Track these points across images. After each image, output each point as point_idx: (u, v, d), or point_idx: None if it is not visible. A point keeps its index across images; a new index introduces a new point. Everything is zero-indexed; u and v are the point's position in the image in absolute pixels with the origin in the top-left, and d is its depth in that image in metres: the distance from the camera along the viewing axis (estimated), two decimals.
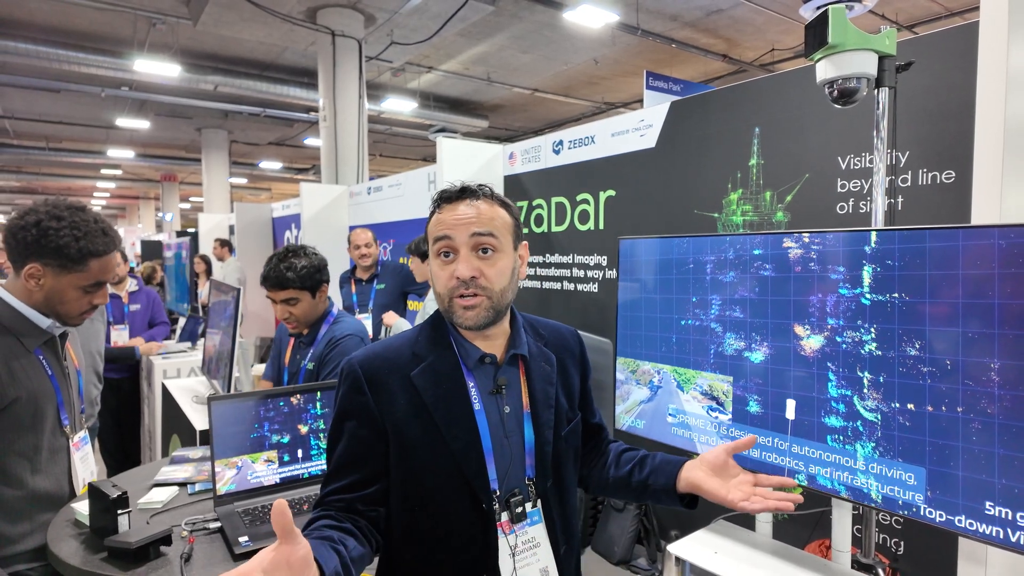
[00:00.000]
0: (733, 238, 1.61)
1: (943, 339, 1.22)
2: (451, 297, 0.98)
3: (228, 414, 1.38)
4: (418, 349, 1.03)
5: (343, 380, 1.01)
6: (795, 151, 2.21)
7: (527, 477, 1.04)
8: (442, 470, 0.97)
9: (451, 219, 0.98)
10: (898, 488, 1.29)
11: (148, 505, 1.44)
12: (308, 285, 1.84)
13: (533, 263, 3.51)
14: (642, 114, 2.81)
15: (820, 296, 1.42)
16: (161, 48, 8.20)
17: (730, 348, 1.60)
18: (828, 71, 1.55)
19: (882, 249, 1.32)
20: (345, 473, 0.98)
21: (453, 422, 0.98)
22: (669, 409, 1.75)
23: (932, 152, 1.85)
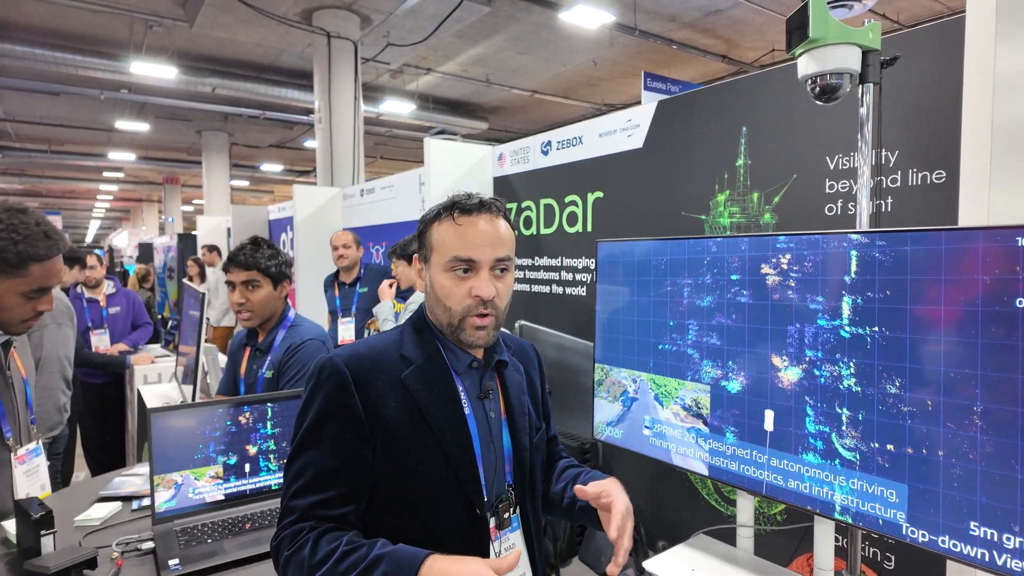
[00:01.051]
0: (710, 241, 1.55)
1: (927, 349, 1.16)
2: (466, 315, 0.97)
3: (171, 426, 1.32)
4: (405, 352, 1.00)
5: (323, 380, 0.94)
6: (783, 151, 2.14)
7: (507, 483, 1.04)
8: (435, 474, 0.94)
9: (475, 238, 0.96)
10: (879, 505, 1.23)
11: (85, 522, 1.38)
12: (273, 274, 1.79)
13: (522, 266, 3.44)
14: (629, 113, 2.74)
15: (802, 307, 1.36)
16: (158, 50, 8.18)
17: (708, 356, 1.54)
18: (809, 66, 1.49)
19: (865, 255, 1.26)
20: (331, 483, 0.90)
21: (447, 425, 0.96)
22: (645, 420, 1.69)
23: (922, 151, 1.78)
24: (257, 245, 1.84)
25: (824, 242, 1.32)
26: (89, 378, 3.40)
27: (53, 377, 2.12)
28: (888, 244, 1.22)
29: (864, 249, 1.25)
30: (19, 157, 14.71)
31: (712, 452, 1.52)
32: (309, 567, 0.83)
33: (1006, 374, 1.05)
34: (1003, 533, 1.06)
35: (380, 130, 12.50)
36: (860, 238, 1.26)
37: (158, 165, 16.15)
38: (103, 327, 3.53)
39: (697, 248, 1.58)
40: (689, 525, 2.45)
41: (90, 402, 3.44)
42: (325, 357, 0.97)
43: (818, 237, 1.33)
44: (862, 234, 1.26)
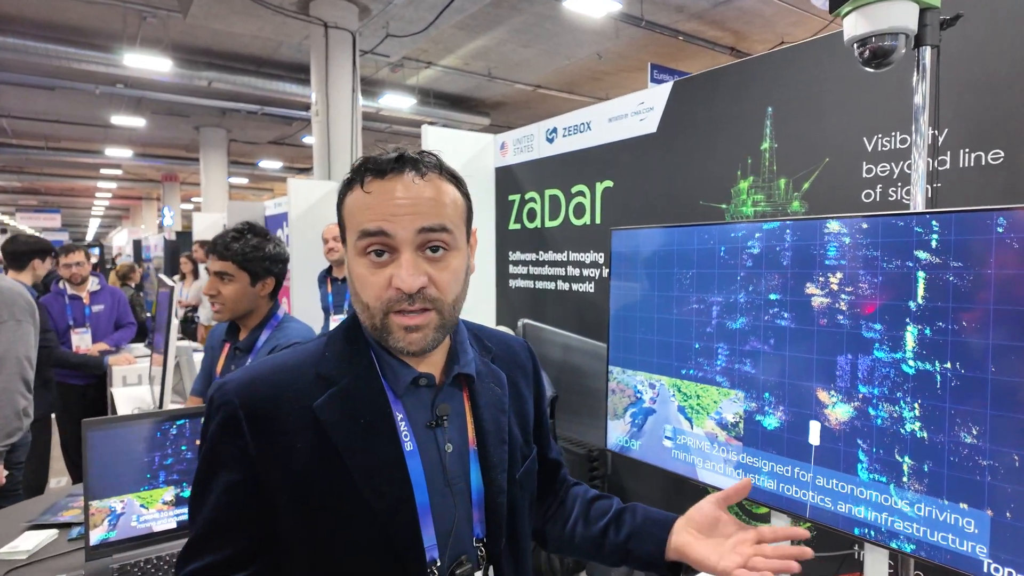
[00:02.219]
0: (741, 226, 1.36)
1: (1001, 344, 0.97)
2: (386, 312, 0.71)
3: (110, 443, 1.13)
4: (325, 369, 0.74)
5: (211, 415, 0.73)
6: (813, 132, 1.95)
7: (475, 538, 0.77)
8: (361, 538, 0.70)
9: (388, 205, 0.70)
10: (953, 536, 1.03)
11: (10, 555, 1.19)
12: (249, 267, 1.58)
13: (525, 261, 3.26)
14: (642, 96, 2.55)
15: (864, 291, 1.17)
16: (153, 43, 8.00)
17: (739, 357, 1.35)
18: (858, 26, 1.29)
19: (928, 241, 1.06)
20: (216, 544, 0.71)
21: (375, 471, 0.71)
22: (666, 431, 1.50)
23: (976, 128, 1.58)
24: (240, 233, 1.63)
25: (886, 225, 1.13)
26: (69, 379, 3.23)
27: (11, 379, 1.93)
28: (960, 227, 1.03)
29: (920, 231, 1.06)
30: (16, 154, 14.55)
31: (745, 469, 1.33)
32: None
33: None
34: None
35: (380, 126, 12.31)
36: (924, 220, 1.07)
37: (156, 162, 15.98)
38: (85, 325, 3.35)
39: (728, 234, 1.39)
40: None
41: (70, 404, 3.26)
42: (217, 383, 0.74)
43: (877, 220, 1.15)
44: (925, 215, 1.07)
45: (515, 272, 3.34)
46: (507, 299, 3.41)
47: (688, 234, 1.48)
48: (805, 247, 1.24)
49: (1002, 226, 0.96)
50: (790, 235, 1.27)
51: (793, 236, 1.26)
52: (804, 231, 1.25)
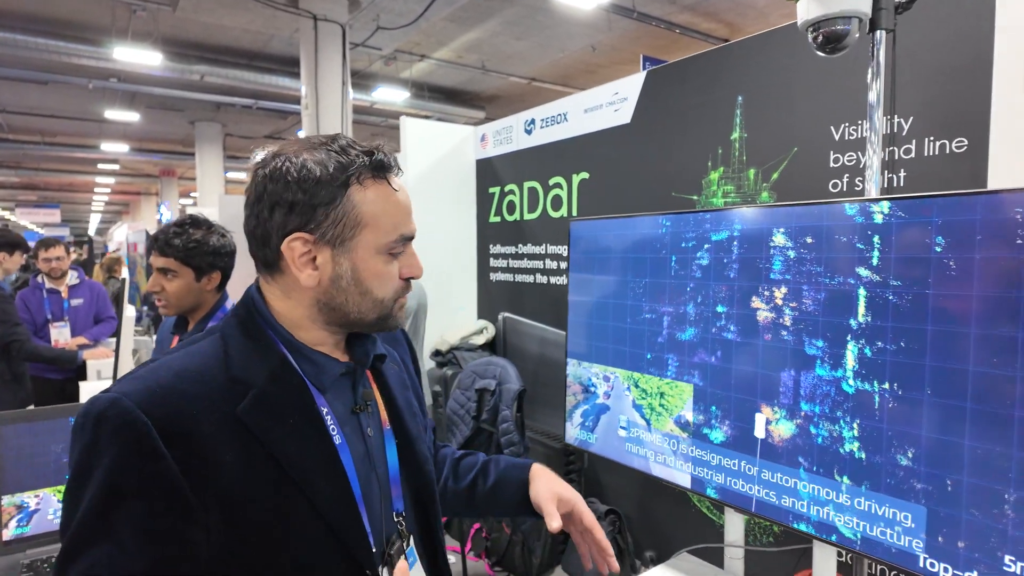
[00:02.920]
0: (691, 216, 1.34)
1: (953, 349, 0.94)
2: (396, 302, 0.75)
3: (23, 437, 1.11)
4: (236, 371, 0.68)
5: (106, 439, 0.60)
6: (782, 121, 1.92)
7: (396, 512, 0.78)
8: (306, 540, 0.67)
9: (407, 205, 0.75)
10: (890, 530, 1.01)
11: None
12: (193, 263, 1.54)
13: (505, 255, 3.23)
14: (616, 86, 2.52)
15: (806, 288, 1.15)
16: (143, 36, 7.96)
17: (690, 351, 1.33)
18: (811, 10, 1.27)
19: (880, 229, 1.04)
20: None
21: (314, 470, 0.68)
22: (620, 422, 1.47)
23: (940, 116, 1.55)
24: (182, 227, 1.58)
25: (829, 214, 1.11)
26: (45, 373, 3.21)
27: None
28: (907, 214, 1.00)
29: (874, 219, 1.04)
30: (13, 149, 14.52)
31: (694, 462, 1.31)
32: None
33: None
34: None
35: (374, 120, 12.26)
36: (873, 208, 1.04)
37: (153, 157, 15.95)
38: (64, 319, 3.33)
39: (680, 224, 1.36)
40: (679, 535, 2.24)
41: (47, 399, 3.24)
42: (103, 399, 0.62)
43: (821, 208, 1.12)
44: (872, 201, 1.04)
45: (495, 265, 3.31)
46: (488, 292, 3.39)
47: (642, 224, 1.45)
48: (752, 259, 1.21)
49: (941, 246, 0.94)
50: (737, 247, 1.24)
51: (740, 248, 1.24)
52: (751, 244, 1.23)
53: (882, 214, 1.02)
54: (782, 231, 1.16)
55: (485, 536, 2.85)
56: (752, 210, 1.24)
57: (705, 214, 1.31)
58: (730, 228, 1.25)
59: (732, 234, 1.25)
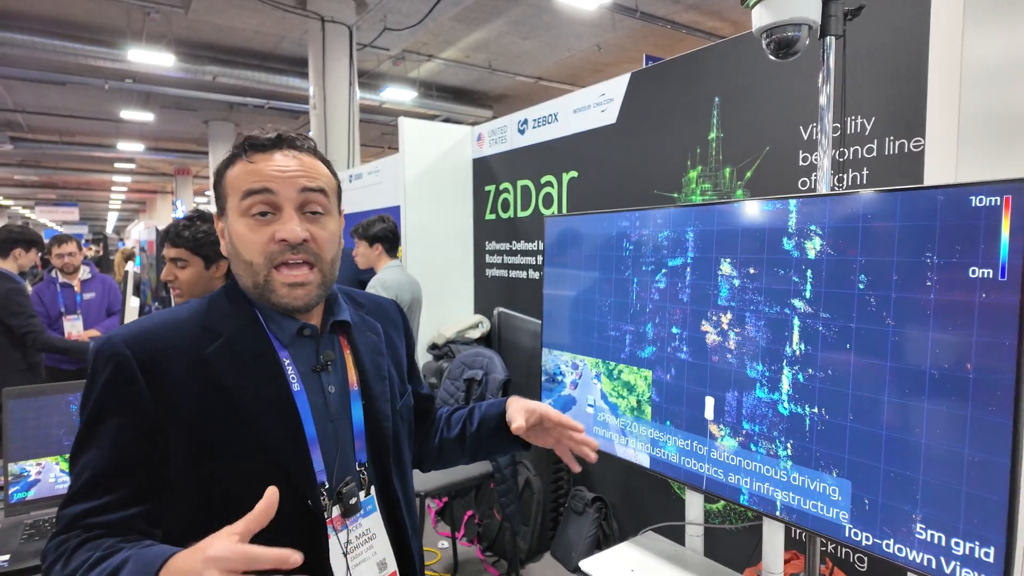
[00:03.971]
0: (644, 213, 1.42)
1: (872, 340, 1.02)
2: (270, 267, 0.80)
3: (29, 410, 1.22)
4: (212, 323, 0.82)
5: (99, 368, 0.77)
6: (756, 122, 1.99)
7: (358, 463, 0.88)
8: (255, 468, 0.78)
9: (270, 169, 0.81)
10: (822, 504, 1.09)
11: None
12: (202, 252, 1.68)
13: (500, 251, 3.32)
14: (603, 87, 2.60)
15: (752, 281, 1.23)
16: (157, 38, 8.14)
17: (648, 338, 1.41)
18: (763, 17, 1.35)
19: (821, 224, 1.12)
20: (110, 487, 0.75)
21: (266, 409, 0.80)
22: (587, 406, 1.56)
23: (898, 117, 1.62)
24: (191, 221, 1.73)
25: (772, 207, 1.19)
26: (60, 364, 3.35)
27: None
28: (836, 208, 1.08)
29: (816, 215, 1.12)
30: (32, 148, 14.84)
31: (653, 443, 1.39)
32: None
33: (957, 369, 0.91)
34: (952, 537, 0.92)
35: (383, 119, 12.39)
36: (814, 203, 1.12)
37: (168, 156, 16.22)
38: (76, 312, 3.47)
39: (638, 221, 1.44)
40: (659, 519, 2.32)
41: None
42: (102, 338, 0.79)
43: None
44: (806, 198, 1.12)
45: (491, 262, 3.40)
46: (484, 288, 3.48)
47: (604, 221, 1.53)
48: (701, 286, 1.29)
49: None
50: (690, 271, 1.32)
51: (692, 275, 1.32)
52: (701, 271, 1.31)
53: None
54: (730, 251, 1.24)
55: (477, 522, 2.95)
56: (696, 209, 1.32)
57: (657, 211, 1.39)
58: (682, 231, 1.34)
59: (685, 240, 1.33)
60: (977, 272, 0.88)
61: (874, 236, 1.01)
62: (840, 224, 1.06)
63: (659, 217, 1.40)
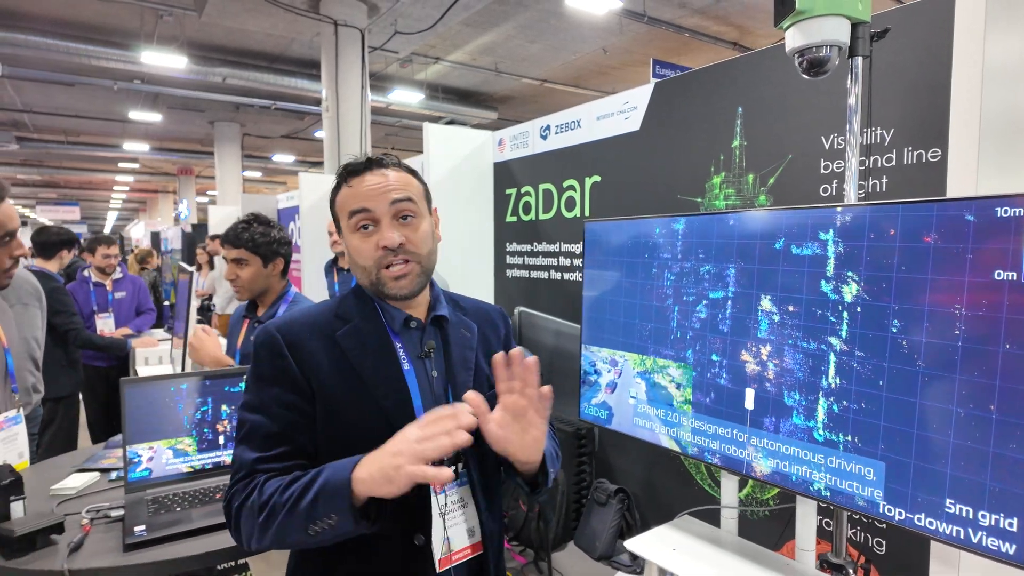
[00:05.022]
0: (692, 219, 1.53)
1: (911, 323, 1.13)
2: (379, 268, 0.97)
3: (143, 397, 1.34)
4: (342, 313, 1.01)
5: (259, 348, 0.97)
6: (778, 131, 2.10)
7: None
8: (372, 430, 0.93)
9: (365, 190, 0.98)
10: (858, 483, 1.21)
11: (60, 492, 1.40)
12: (260, 252, 1.82)
13: (521, 252, 3.43)
14: (627, 95, 2.71)
15: (787, 280, 1.34)
16: (169, 40, 8.24)
17: (690, 336, 1.52)
18: (797, 39, 1.45)
19: (850, 227, 1.23)
20: (275, 443, 0.93)
21: (382, 380, 0.97)
22: (629, 400, 1.67)
23: (916, 128, 1.73)
24: (248, 223, 1.87)
25: (807, 216, 1.30)
26: (93, 361, 3.45)
27: (20, 357, 2.13)
28: (874, 214, 1.19)
29: (847, 220, 1.23)
30: (37, 148, 14.92)
31: (694, 432, 1.51)
32: (259, 507, 0.86)
33: (987, 347, 1.02)
34: (979, 510, 1.03)
35: (390, 120, 12.50)
36: (844, 212, 1.23)
37: (172, 156, 16.30)
38: (108, 311, 3.58)
39: (687, 225, 1.56)
40: (682, 508, 2.43)
41: (94, 385, 3.49)
42: (261, 327, 0.99)
43: (805, 212, 1.31)
44: (845, 207, 1.24)
45: (512, 263, 3.51)
46: (504, 288, 3.59)
47: (648, 225, 1.64)
48: (748, 268, 1.40)
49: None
50: (736, 248, 1.43)
51: (736, 248, 1.43)
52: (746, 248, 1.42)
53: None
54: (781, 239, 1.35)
55: (504, 515, 3.06)
56: (752, 214, 1.43)
57: (712, 216, 1.51)
58: (728, 232, 1.45)
59: (729, 238, 1.44)
60: (1002, 275, 1.00)
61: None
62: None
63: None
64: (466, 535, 1.01)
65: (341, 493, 0.82)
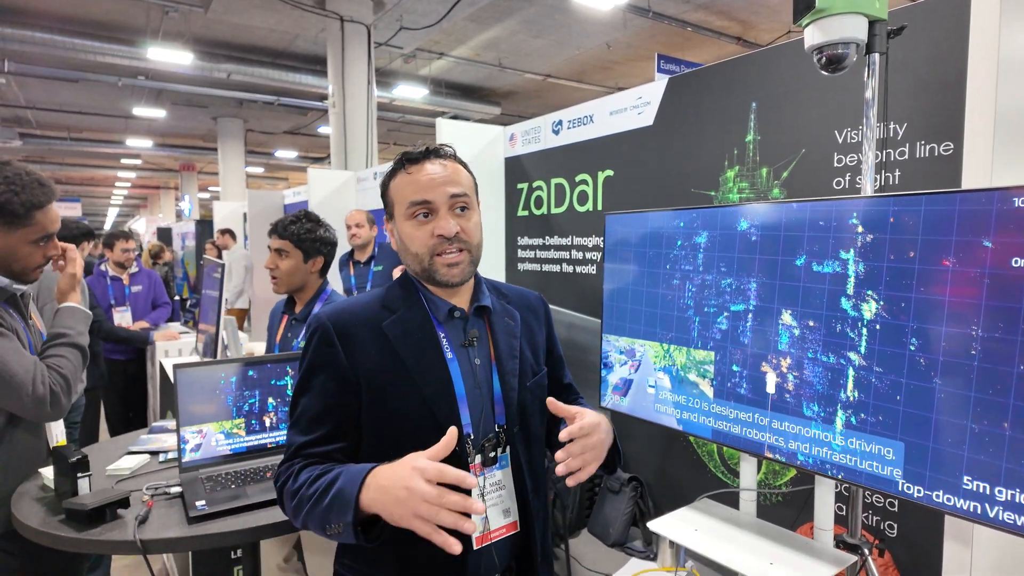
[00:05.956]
0: (713, 211, 1.58)
1: (930, 311, 1.18)
2: (432, 255, 1.01)
3: (194, 383, 1.39)
4: (388, 303, 1.05)
5: (312, 335, 1.02)
6: (792, 126, 2.15)
7: (498, 425, 1.07)
8: (415, 414, 0.99)
9: (426, 180, 1.02)
10: (876, 463, 1.26)
11: (116, 472, 1.46)
12: (303, 246, 1.87)
13: (533, 246, 3.48)
14: (640, 91, 2.76)
15: (806, 272, 1.39)
16: (174, 36, 8.27)
17: (712, 324, 1.57)
18: (815, 37, 1.50)
19: (872, 220, 1.28)
20: (317, 426, 0.99)
21: (425, 369, 1.00)
22: (648, 387, 1.73)
23: (929, 123, 1.78)
24: (298, 218, 1.93)
25: (830, 208, 1.35)
26: (112, 354, 3.51)
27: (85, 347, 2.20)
28: (895, 207, 1.24)
29: (868, 214, 1.28)
30: (40, 144, 14.95)
31: (716, 416, 1.56)
32: (291, 492, 0.95)
33: (1004, 336, 1.07)
34: (995, 486, 1.09)
35: (393, 116, 12.52)
36: (866, 204, 1.28)
37: (175, 152, 16.33)
38: (125, 304, 3.63)
39: (707, 217, 1.60)
40: (695, 495, 2.49)
41: (113, 377, 3.55)
42: (314, 315, 1.04)
43: (827, 204, 1.36)
44: (867, 199, 1.28)
45: (523, 256, 3.56)
46: (516, 282, 3.64)
47: (672, 217, 1.69)
48: (772, 259, 1.45)
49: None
50: (756, 237, 1.48)
51: (757, 238, 1.48)
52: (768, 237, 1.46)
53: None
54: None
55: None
56: (767, 206, 1.48)
57: (728, 208, 1.56)
58: (743, 222, 1.50)
59: (749, 226, 1.49)
60: (1019, 263, 1.05)
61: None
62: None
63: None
64: (502, 515, 1.06)
65: (348, 507, 0.86)
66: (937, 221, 1.17)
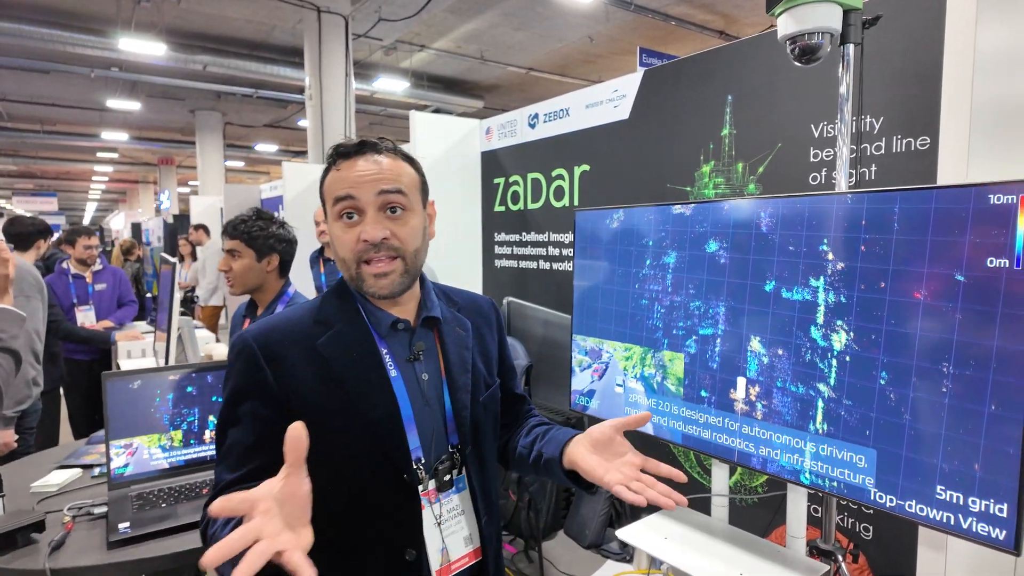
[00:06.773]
0: (684, 208, 1.52)
1: (905, 315, 1.14)
2: (359, 263, 0.89)
3: (126, 392, 1.30)
4: (322, 317, 0.93)
5: (235, 358, 0.90)
6: (768, 119, 2.10)
7: (451, 444, 0.97)
8: (357, 443, 0.88)
9: (352, 176, 0.89)
10: (848, 471, 1.21)
11: (41, 488, 1.37)
12: (254, 245, 1.78)
13: (510, 242, 3.41)
14: (616, 83, 2.69)
15: (781, 271, 1.33)
16: (147, 27, 8.04)
17: (680, 324, 1.52)
18: (789, 26, 1.44)
19: (847, 217, 1.23)
20: (248, 460, 0.86)
21: (368, 390, 0.90)
22: (617, 389, 1.67)
23: (906, 117, 1.74)
24: (249, 217, 1.83)
25: (803, 204, 1.29)
26: (75, 355, 3.39)
27: (22, 350, 2.09)
28: (870, 204, 1.19)
29: (843, 209, 1.22)
30: (12, 137, 14.57)
31: (685, 421, 1.51)
32: (211, 537, 0.82)
33: (980, 340, 1.02)
34: (968, 496, 1.04)
35: (375, 109, 12.35)
36: (844, 199, 1.23)
37: (152, 145, 16.01)
38: (88, 303, 3.51)
39: (670, 215, 1.55)
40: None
41: (76, 378, 3.43)
42: (237, 334, 0.92)
43: (796, 200, 1.31)
44: (840, 195, 1.23)
45: (500, 252, 3.50)
46: (493, 278, 3.58)
47: (639, 214, 1.63)
48: (742, 258, 1.40)
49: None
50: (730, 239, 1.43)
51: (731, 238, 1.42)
52: (740, 236, 1.41)
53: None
54: (767, 216, 1.35)
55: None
56: (740, 202, 1.42)
57: (698, 205, 1.50)
58: (716, 222, 1.44)
59: (723, 228, 1.43)
60: (995, 262, 1.00)
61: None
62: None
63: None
64: (464, 543, 0.97)
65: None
66: (914, 218, 1.12)
